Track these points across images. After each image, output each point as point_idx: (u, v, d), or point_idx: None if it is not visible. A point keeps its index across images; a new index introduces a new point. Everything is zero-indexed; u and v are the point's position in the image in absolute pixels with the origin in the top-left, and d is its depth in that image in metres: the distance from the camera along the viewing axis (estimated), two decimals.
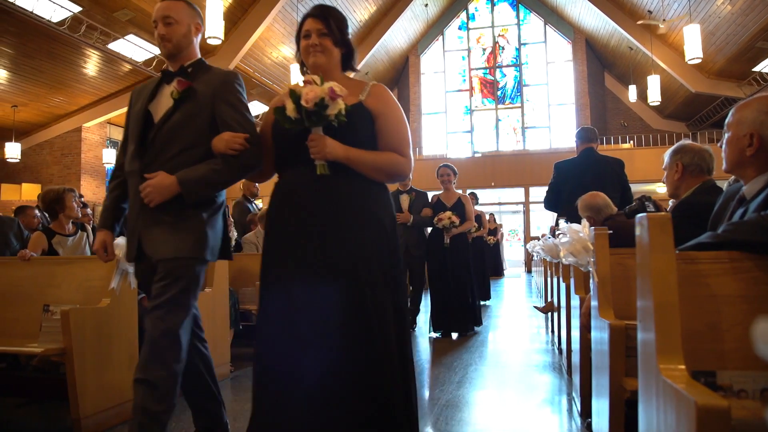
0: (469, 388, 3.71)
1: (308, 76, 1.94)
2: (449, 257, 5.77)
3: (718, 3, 12.76)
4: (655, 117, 20.24)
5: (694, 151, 2.66)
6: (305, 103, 1.83)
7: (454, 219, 5.65)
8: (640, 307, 1.60)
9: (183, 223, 2.22)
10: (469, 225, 5.94)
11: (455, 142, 21.86)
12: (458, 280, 5.77)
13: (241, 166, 2.18)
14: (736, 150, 1.83)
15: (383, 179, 2.07)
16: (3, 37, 11.13)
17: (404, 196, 5.95)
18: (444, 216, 5.65)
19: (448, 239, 5.74)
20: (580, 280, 3.32)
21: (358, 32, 17.48)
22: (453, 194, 5.94)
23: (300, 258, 1.89)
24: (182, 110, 2.24)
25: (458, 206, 5.83)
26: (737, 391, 1.48)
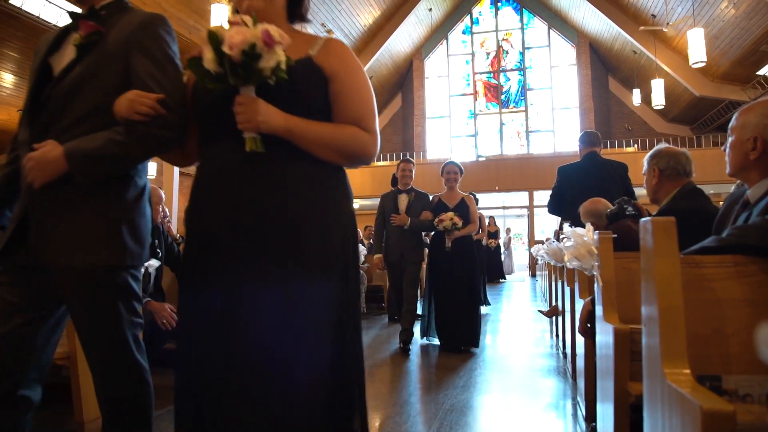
0: (473, 392, 3.71)
1: (235, 16, 1.43)
2: (452, 263, 5.27)
3: (722, 6, 12.75)
4: (659, 121, 20.21)
5: (669, 155, 2.66)
6: (229, 49, 1.32)
7: (457, 220, 5.11)
8: (645, 312, 1.59)
9: (89, 215, 1.66)
10: (473, 228, 5.36)
11: (459, 146, 21.86)
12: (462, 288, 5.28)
13: (150, 137, 1.61)
14: (740, 154, 1.84)
15: (340, 161, 1.55)
16: (9, 42, 11.20)
17: (403, 196, 5.37)
18: (445, 217, 5.12)
19: (450, 242, 5.22)
20: (585, 284, 3.32)
21: (362, 37, 17.53)
22: (456, 194, 5.43)
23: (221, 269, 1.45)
24: (86, 62, 1.68)
25: (461, 207, 5.33)
26: (743, 395, 1.47)
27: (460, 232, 5.23)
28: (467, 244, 5.37)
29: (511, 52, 21.93)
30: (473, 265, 5.38)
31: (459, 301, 5.23)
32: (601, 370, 2.41)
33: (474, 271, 5.38)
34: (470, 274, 5.32)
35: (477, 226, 5.51)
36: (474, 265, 5.40)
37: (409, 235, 5.29)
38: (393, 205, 5.40)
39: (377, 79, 20.28)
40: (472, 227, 5.35)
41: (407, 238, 5.28)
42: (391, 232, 5.36)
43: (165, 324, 3.55)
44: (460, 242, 5.28)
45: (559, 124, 21.19)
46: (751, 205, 1.82)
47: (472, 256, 5.41)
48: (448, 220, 5.10)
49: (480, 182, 17.37)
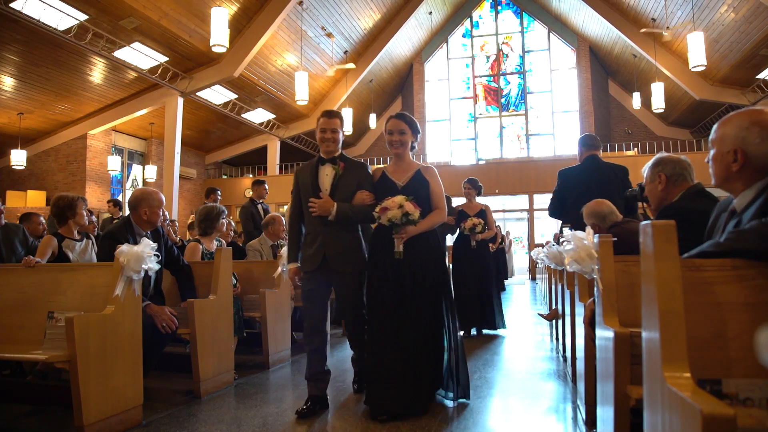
0: (473, 395, 3.70)
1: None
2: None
3: (722, 10, 12.77)
4: (659, 124, 20.23)
5: (674, 162, 2.67)
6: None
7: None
8: (645, 315, 1.59)
9: None
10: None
11: (459, 149, 21.88)
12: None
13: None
14: (722, 166, 1.86)
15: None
16: (10, 45, 11.22)
17: (326, 168, 3.59)
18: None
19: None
20: (585, 288, 3.32)
21: (362, 40, 17.55)
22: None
23: None
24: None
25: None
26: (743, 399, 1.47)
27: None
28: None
29: (511, 56, 21.96)
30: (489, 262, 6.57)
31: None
32: (601, 374, 2.40)
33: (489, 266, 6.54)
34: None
35: (494, 232, 6.69)
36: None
37: (337, 229, 3.50)
38: (311, 183, 3.55)
39: (377, 82, 20.32)
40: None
41: (335, 234, 3.51)
42: (310, 224, 3.55)
43: (165, 327, 3.54)
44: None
45: (559, 128, 21.20)
46: (737, 213, 1.84)
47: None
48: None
49: None
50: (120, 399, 3.08)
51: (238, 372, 4.33)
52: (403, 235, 3.33)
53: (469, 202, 6.44)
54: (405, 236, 3.33)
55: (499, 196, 18.17)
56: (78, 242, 4.31)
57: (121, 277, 3.13)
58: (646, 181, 2.79)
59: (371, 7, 16.64)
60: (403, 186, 3.49)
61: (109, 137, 15.95)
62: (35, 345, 3.07)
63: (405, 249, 3.35)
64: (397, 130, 3.53)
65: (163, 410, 3.46)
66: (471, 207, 6.42)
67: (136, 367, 3.24)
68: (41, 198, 14.70)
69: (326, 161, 3.57)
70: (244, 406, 3.56)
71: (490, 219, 6.39)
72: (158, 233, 3.93)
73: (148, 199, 3.81)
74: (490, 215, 6.42)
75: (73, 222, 4.24)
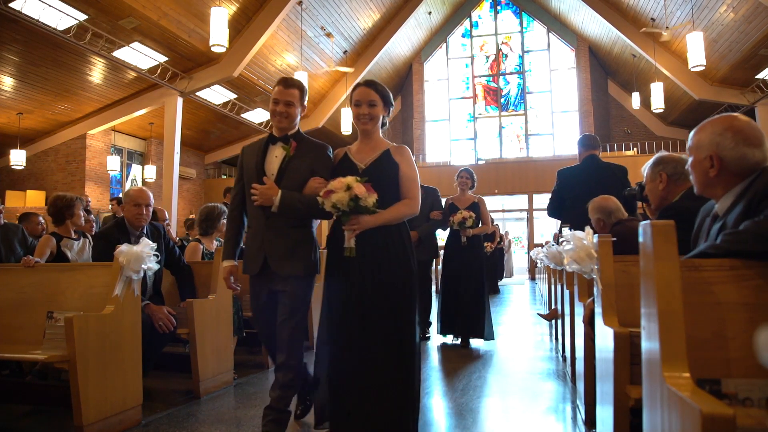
0: (472, 395, 3.70)
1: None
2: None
3: (721, 10, 12.77)
4: (658, 124, 20.23)
5: (675, 161, 2.68)
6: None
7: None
8: (645, 315, 1.59)
9: None
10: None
11: (459, 149, 21.88)
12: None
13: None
14: (701, 173, 1.90)
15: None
16: (9, 45, 11.22)
17: (276, 149, 2.95)
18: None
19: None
20: (584, 288, 3.32)
21: (362, 40, 17.55)
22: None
23: None
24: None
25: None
26: (742, 399, 1.47)
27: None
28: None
29: (510, 56, 21.96)
30: (482, 263, 5.76)
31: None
32: (600, 374, 2.41)
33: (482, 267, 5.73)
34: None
35: (489, 228, 6.05)
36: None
37: (282, 224, 2.86)
38: (257, 165, 2.92)
39: None
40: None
41: (279, 230, 2.86)
42: (252, 217, 2.96)
43: (162, 327, 3.54)
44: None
45: (559, 128, 21.21)
46: (720, 217, 1.87)
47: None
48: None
49: (479, 185, 17.21)
50: (119, 399, 3.08)
51: (238, 372, 4.33)
52: (354, 226, 2.60)
53: (461, 193, 5.82)
54: (357, 228, 2.60)
55: (498, 196, 18.18)
56: (75, 241, 4.31)
57: (120, 277, 3.13)
58: (646, 180, 2.79)
59: (371, 7, 16.63)
60: (366, 168, 2.77)
61: (109, 137, 15.94)
62: (34, 345, 3.07)
63: (358, 245, 2.64)
64: (366, 101, 2.79)
65: (163, 410, 3.46)
66: (462, 200, 5.78)
67: (136, 367, 3.24)
68: (40, 198, 14.68)
69: (277, 140, 2.93)
70: (244, 406, 3.56)
71: (485, 213, 5.77)
72: (159, 233, 3.92)
73: (126, 198, 3.84)
74: (485, 209, 5.79)
75: (70, 222, 4.25)
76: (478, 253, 5.73)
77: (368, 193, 2.54)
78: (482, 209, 5.75)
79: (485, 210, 5.79)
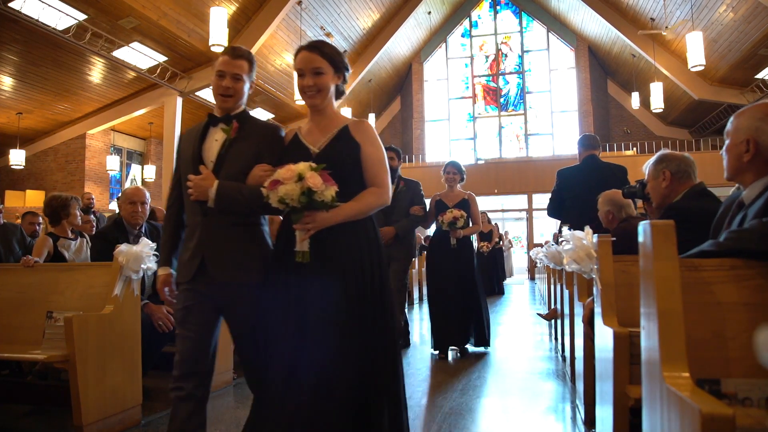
0: (472, 395, 3.70)
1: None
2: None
3: (721, 10, 12.77)
4: (658, 124, 20.23)
5: (678, 158, 2.67)
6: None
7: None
8: (644, 315, 1.59)
9: None
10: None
11: (458, 149, 21.87)
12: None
13: None
14: (735, 157, 1.86)
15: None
16: (8, 45, 11.21)
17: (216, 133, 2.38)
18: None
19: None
20: (584, 288, 3.32)
21: (361, 40, 17.55)
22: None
23: None
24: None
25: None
26: (742, 399, 1.47)
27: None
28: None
29: (510, 56, 21.96)
30: (473, 265, 5.24)
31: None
32: (600, 373, 2.41)
33: (473, 271, 5.20)
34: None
35: (479, 228, 5.52)
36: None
37: (222, 221, 2.31)
38: (194, 152, 2.38)
39: (376, 82, 20.29)
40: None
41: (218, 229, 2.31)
42: (189, 213, 2.41)
43: (161, 326, 3.54)
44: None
45: (558, 128, 21.21)
46: (746, 206, 1.84)
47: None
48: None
49: (479, 185, 17.37)
50: (119, 398, 3.08)
51: (237, 372, 4.33)
52: (308, 225, 2.02)
53: (449, 189, 5.26)
54: (312, 227, 2.03)
55: (497, 195, 18.18)
56: (72, 241, 4.30)
57: (120, 276, 3.13)
58: (648, 178, 2.78)
59: (370, 6, 16.63)
60: (320, 152, 2.21)
61: (108, 137, 15.93)
62: (34, 345, 3.07)
63: (314, 248, 2.09)
64: (310, 70, 2.21)
65: (162, 410, 3.46)
66: (450, 196, 5.23)
67: (135, 366, 3.24)
68: (40, 198, 14.67)
69: (218, 121, 2.39)
70: (244, 406, 3.56)
71: (475, 211, 5.23)
72: (158, 232, 3.92)
73: (122, 196, 3.86)
74: (475, 206, 5.25)
75: (66, 222, 4.24)
76: (468, 255, 5.22)
77: (325, 185, 1.97)
78: (473, 207, 5.22)
79: (476, 207, 5.27)
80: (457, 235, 5.06)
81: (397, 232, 4.92)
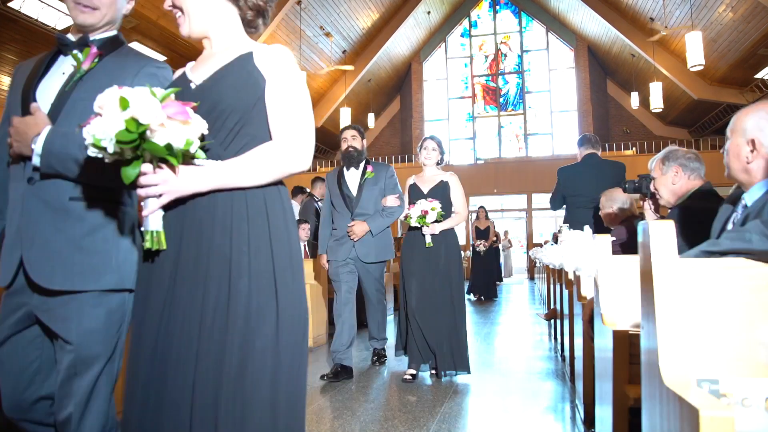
0: (470, 395, 3.70)
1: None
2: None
3: (720, 10, 12.78)
4: (657, 124, 20.25)
5: (688, 155, 2.68)
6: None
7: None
8: (644, 314, 1.59)
9: None
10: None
11: (458, 149, 21.88)
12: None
13: None
14: (737, 157, 1.84)
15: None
16: (8, 45, 11.20)
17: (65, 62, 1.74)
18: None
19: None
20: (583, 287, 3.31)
21: (361, 40, 17.55)
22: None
23: None
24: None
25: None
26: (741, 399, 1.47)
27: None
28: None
29: (509, 55, 21.97)
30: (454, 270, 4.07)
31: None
32: (599, 373, 2.41)
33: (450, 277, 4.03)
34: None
35: (462, 218, 4.14)
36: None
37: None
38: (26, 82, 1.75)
39: (376, 81, 20.30)
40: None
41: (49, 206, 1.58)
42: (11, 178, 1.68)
43: None
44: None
45: (558, 127, 21.22)
46: (748, 207, 1.83)
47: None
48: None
49: (478, 185, 17.39)
50: (118, 398, 3.07)
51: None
52: (152, 186, 1.34)
53: (425, 170, 4.24)
54: (160, 192, 1.35)
55: (497, 195, 18.19)
56: None
57: None
58: (656, 173, 2.77)
59: (370, 6, 16.63)
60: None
61: None
62: None
63: (168, 228, 1.42)
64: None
65: None
66: (426, 178, 4.20)
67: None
68: None
69: (72, 47, 1.72)
70: None
71: (457, 195, 4.13)
72: None
73: None
74: (458, 189, 4.14)
75: None
76: (450, 256, 4.04)
77: (174, 121, 1.25)
78: (453, 191, 4.12)
79: (459, 191, 4.14)
80: (432, 231, 3.94)
81: (371, 230, 4.14)
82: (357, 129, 4.35)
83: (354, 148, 4.24)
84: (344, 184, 4.28)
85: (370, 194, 4.22)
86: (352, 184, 4.27)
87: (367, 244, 4.18)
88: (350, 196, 4.23)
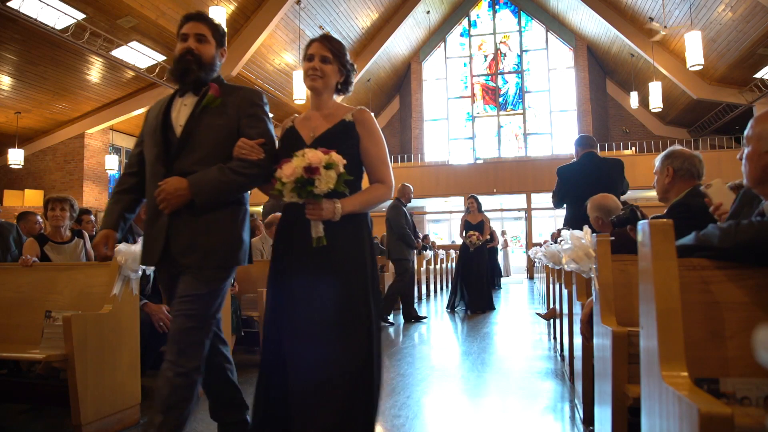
0: (470, 394, 3.70)
1: None
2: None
3: (719, 10, 12.78)
4: (657, 123, 20.25)
5: (684, 156, 2.69)
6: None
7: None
8: (643, 314, 1.59)
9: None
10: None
11: (457, 148, 21.88)
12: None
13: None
14: (759, 166, 1.70)
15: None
16: (7, 44, 11.19)
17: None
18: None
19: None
20: (583, 287, 3.32)
21: (360, 39, 17.54)
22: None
23: None
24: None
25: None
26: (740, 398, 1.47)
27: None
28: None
29: (509, 55, 21.97)
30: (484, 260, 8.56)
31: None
32: (599, 373, 2.41)
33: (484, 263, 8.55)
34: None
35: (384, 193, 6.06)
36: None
37: None
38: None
39: (375, 81, 20.30)
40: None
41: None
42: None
43: (162, 326, 3.54)
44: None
45: (557, 127, 21.23)
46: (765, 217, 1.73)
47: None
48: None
49: (478, 185, 17.39)
50: (117, 398, 3.08)
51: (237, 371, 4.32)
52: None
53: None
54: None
55: (496, 195, 18.18)
56: (65, 244, 4.19)
57: (118, 276, 3.13)
58: (655, 171, 2.81)
59: (369, 6, 16.63)
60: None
61: (107, 136, 15.92)
62: (33, 344, 3.07)
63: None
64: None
65: None
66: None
67: (134, 366, 3.24)
68: (39, 197, 14.66)
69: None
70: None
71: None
72: None
73: None
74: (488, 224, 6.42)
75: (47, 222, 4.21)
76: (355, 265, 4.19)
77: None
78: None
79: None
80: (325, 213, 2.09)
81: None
82: None
83: None
84: None
85: None
86: None
87: None
88: None
